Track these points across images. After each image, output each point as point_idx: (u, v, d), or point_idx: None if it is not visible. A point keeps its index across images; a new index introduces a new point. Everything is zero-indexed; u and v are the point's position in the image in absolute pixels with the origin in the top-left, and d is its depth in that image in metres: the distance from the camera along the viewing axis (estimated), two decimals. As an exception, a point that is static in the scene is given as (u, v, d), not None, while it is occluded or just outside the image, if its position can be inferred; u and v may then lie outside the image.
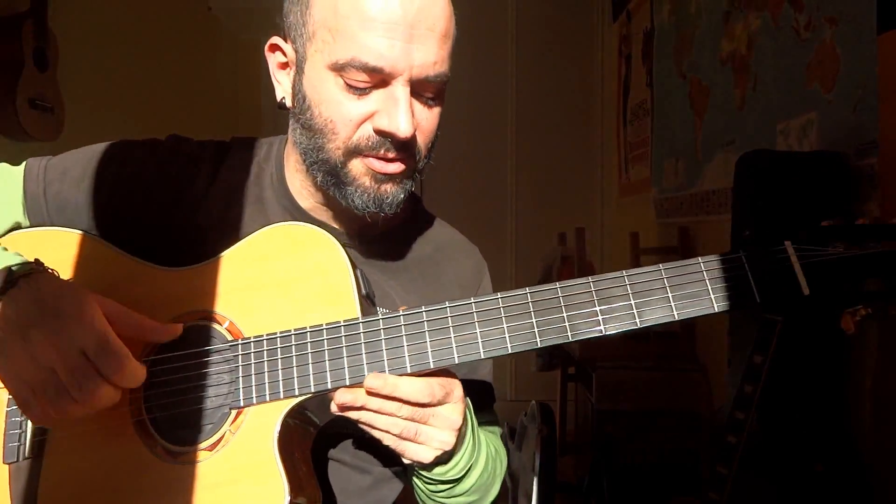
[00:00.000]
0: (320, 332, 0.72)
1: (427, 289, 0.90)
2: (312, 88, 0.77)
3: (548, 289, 0.69)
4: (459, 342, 0.70)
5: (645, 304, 0.68)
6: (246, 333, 0.74)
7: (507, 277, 3.96)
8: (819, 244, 0.67)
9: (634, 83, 3.44)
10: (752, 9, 2.11)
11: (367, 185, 0.78)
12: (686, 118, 2.68)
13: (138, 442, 0.73)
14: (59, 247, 0.80)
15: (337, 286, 0.74)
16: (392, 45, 0.72)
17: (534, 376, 3.46)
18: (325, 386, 0.70)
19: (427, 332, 0.71)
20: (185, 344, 0.75)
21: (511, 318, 0.69)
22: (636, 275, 0.69)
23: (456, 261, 0.95)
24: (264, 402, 0.72)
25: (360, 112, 0.75)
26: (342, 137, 0.76)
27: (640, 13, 3.34)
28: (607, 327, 0.68)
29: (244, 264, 0.77)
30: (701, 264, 0.68)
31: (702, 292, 0.67)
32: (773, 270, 0.67)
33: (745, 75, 2.16)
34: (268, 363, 0.72)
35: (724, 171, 2.28)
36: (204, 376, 0.74)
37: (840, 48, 1.64)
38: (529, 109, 4.00)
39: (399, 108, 0.74)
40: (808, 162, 1.62)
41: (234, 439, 0.72)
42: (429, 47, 0.74)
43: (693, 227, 2.61)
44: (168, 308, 0.76)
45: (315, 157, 0.79)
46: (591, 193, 4.02)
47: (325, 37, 0.74)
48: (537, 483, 1.47)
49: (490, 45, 3.99)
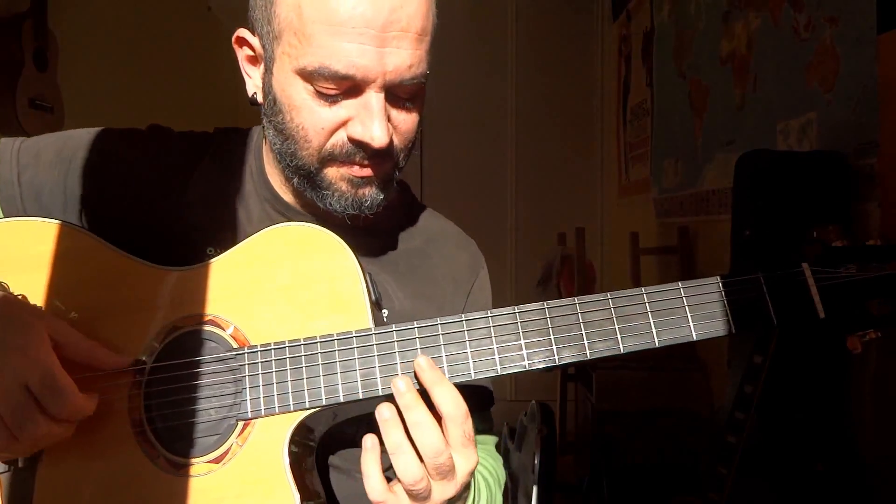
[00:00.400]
0: (331, 342, 0.69)
1: (417, 284, 0.86)
2: (282, 91, 0.73)
3: (566, 304, 0.68)
4: (476, 357, 0.68)
5: (664, 324, 0.67)
6: (251, 339, 0.71)
7: (507, 277, 3.96)
8: (831, 265, 0.67)
9: (634, 83, 3.44)
10: (752, 9, 2.11)
11: (344, 189, 0.75)
12: (686, 118, 2.68)
13: (139, 452, 0.70)
14: (39, 241, 0.74)
15: (347, 292, 0.71)
16: (363, 51, 0.67)
17: (534, 376, 3.45)
18: (338, 398, 0.68)
19: (443, 346, 0.68)
20: (188, 350, 0.71)
21: (528, 333, 0.68)
22: (655, 292, 0.68)
23: (448, 254, 0.91)
24: (273, 414, 0.69)
25: (332, 120, 0.71)
26: (315, 145, 0.73)
27: (639, 13, 3.34)
28: (626, 345, 0.67)
29: (247, 266, 0.73)
30: (719, 284, 0.68)
31: (719, 313, 0.67)
32: (790, 293, 0.67)
33: (745, 75, 2.16)
34: (276, 374, 0.69)
35: (723, 171, 2.28)
36: (208, 386, 0.71)
37: (840, 48, 1.64)
38: (529, 109, 4.00)
39: (373, 117, 0.70)
40: (808, 162, 1.62)
41: (242, 452, 0.69)
42: (403, 50, 0.69)
43: (693, 226, 2.61)
44: (167, 310, 0.73)
45: (289, 163, 0.76)
46: (590, 193, 4.02)
47: (291, 40, 0.70)
48: (537, 483, 1.47)
49: (490, 45, 3.99)
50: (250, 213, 0.84)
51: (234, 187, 0.85)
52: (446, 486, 0.66)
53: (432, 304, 0.86)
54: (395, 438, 0.65)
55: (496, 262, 0.97)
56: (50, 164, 0.82)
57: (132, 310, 0.73)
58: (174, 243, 0.77)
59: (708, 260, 2.49)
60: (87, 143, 0.83)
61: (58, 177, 0.82)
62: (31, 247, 0.74)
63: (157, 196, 0.82)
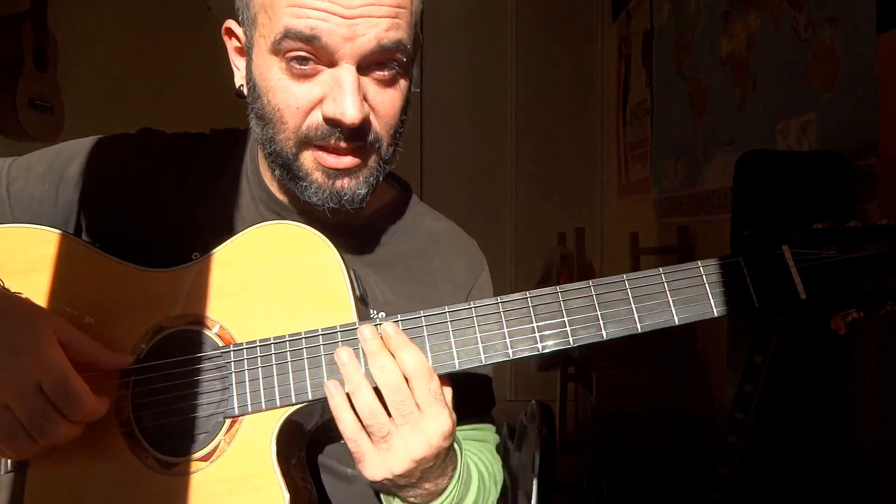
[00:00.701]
0: (316, 337, 0.70)
1: (414, 286, 0.85)
2: (260, 75, 0.72)
3: (548, 293, 0.69)
4: (459, 346, 0.68)
5: (646, 309, 0.67)
6: (237, 338, 0.71)
7: (507, 278, 3.96)
8: (813, 247, 0.67)
9: (634, 83, 3.44)
10: (752, 8, 2.11)
11: (320, 180, 0.73)
12: (686, 118, 2.68)
13: (128, 453, 0.70)
14: (29, 245, 0.75)
15: (331, 288, 0.71)
16: (328, 16, 0.65)
17: (534, 376, 3.46)
18: (324, 393, 0.68)
19: (427, 337, 0.69)
20: (175, 350, 0.72)
21: (511, 322, 0.68)
22: (637, 279, 0.68)
23: (448, 256, 0.89)
24: (260, 410, 0.69)
25: (306, 97, 0.70)
26: (291, 127, 0.71)
27: (639, 13, 3.34)
28: (608, 331, 0.68)
29: (232, 266, 0.73)
30: (700, 268, 0.68)
31: (702, 296, 0.67)
32: (771, 275, 0.67)
33: (745, 75, 2.16)
34: (262, 370, 0.70)
35: (723, 171, 2.28)
36: (195, 384, 0.71)
37: (840, 48, 1.64)
38: (529, 109, 4.00)
39: (344, 91, 0.67)
40: (808, 162, 1.62)
41: (230, 449, 0.69)
42: (375, 17, 0.67)
43: (693, 227, 2.61)
44: (153, 312, 0.73)
45: (269, 149, 0.74)
46: (590, 193, 4.01)
47: (263, 20, 0.69)
48: (537, 483, 1.46)
49: (490, 45, 3.99)
50: (244, 215, 0.83)
51: (228, 189, 0.84)
52: (410, 437, 0.66)
53: (430, 307, 0.85)
54: (355, 378, 0.66)
55: (496, 262, 0.96)
56: (41, 176, 0.82)
57: (118, 312, 0.73)
58: (167, 246, 0.76)
59: (708, 260, 2.48)
60: (78, 153, 0.83)
61: (49, 188, 0.82)
62: (18, 252, 0.74)
63: (150, 200, 0.82)
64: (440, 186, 3.82)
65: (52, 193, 0.82)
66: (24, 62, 2.26)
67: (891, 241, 0.66)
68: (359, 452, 0.67)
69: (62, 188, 0.82)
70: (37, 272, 0.74)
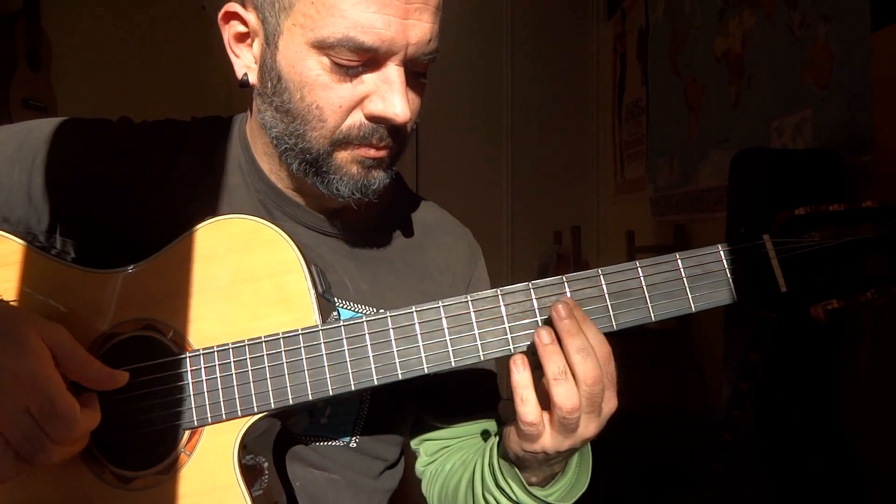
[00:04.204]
0: (277, 341, 0.66)
1: (415, 278, 0.83)
2: (290, 68, 0.68)
3: (521, 290, 0.66)
4: (428, 350, 0.65)
5: (621, 306, 0.65)
6: (193, 344, 0.67)
7: (503, 276, 3.95)
8: (794, 234, 0.65)
9: (629, 81, 3.44)
10: (747, 6, 2.11)
11: (355, 172, 0.71)
12: (681, 116, 2.68)
13: (84, 470, 0.66)
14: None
15: (291, 288, 0.67)
16: (389, 21, 0.64)
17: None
18: (287, 402, 0.65)
19: (394, 341, 0.65)
20: (128, 358, 0.67)
21: (483, 323, 0.65)
22: (612, 273, 0.66)
23: (445, 246, 0.88)
24: (220, 421, 0.65)
25: (351, 97, 0.68)
26: (330, 126, 0.69)
27: (634, 11, 3.34)
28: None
29: (187, 264, 0.68)
30: (678, 261, 0.66)
31: (679, 291, 0.65)
32: (751, 267, 0.65)
33: (740, 73, 2.17)
34: (221, 379, 0.65)
35: (719, 169, 2.28)
36: (152, 395, 0.66)
37: (834, 45, 1.64)
38: (525, 108, 4.00)
39: (394, 91, 0.67)
40: (803, 159, 1.62)
41: (191, 461, 0.66)
42: (424, 22, 0.67)
43: (688, 224, 2.61)
44: (105, 317, 0.68)
45: (291, 145, 0.71)
46: (586, 192, 4.01)
47: (307, 10, 0.65)
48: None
49: (485, 43, 3.98)
50: (239, 209, 0.79)
51: (217, 182, 0.80)
52: (590, 423, 0.64)
53: (430, 299, 0.84)
54: (559, 365, 0.62)
55: (492, 261, 0.96)
56: (10, 159, 0.77)
57: (72, 319, 0.67)
58: (151, 243, 0.72)
59: (703, 258, 2.49)
60: (50, 137, 0.77)
61: (20, 174, 0.76)
62: None
63: (132, 193, 0.77)
64: (436, 185, 3.81)
65: (25, 181, 0.76)
66: (18, 62, 2.25)
67: (873, 223, 0.65)
68: (532, 434, 0.64)
69: (34, 176, 0.76)
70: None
